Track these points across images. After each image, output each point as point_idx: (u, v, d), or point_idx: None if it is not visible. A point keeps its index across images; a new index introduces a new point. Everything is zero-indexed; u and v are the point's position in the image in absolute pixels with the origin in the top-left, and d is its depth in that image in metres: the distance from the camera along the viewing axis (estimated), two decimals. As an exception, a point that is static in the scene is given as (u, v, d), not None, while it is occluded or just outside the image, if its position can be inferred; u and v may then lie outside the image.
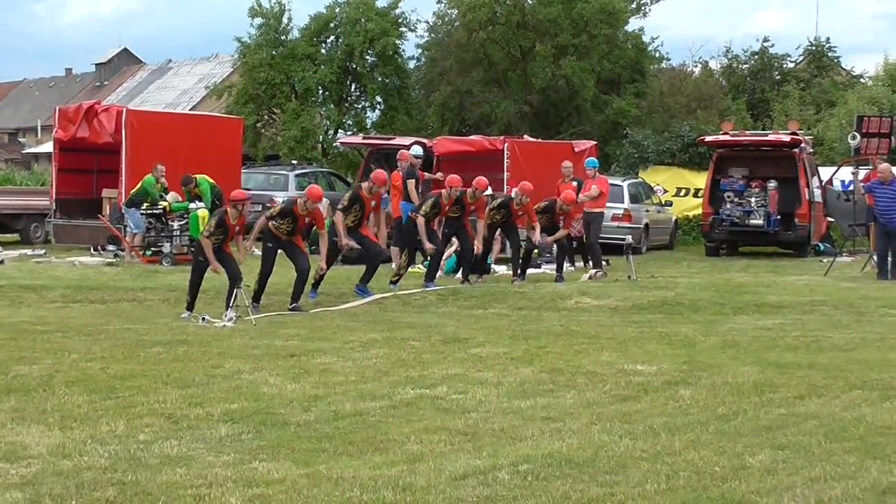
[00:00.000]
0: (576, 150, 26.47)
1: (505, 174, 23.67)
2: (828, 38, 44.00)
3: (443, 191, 18.21)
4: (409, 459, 7.34)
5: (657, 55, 42.74)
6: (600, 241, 21.35)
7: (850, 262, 22.62)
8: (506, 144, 24.78)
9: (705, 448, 7.69)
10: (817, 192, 27.03)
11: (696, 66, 43.31)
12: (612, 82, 40.09)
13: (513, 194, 18.95)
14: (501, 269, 20.52)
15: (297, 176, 29.89)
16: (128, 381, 9.93)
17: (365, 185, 17.00)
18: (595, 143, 28.82)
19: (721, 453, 7.55)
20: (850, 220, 24.30)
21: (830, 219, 27.77)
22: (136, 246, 22.31)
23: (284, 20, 40.80)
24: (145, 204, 22.20)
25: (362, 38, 39.85)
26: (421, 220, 17.57)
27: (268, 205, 17.78)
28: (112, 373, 10.34)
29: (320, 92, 41.57)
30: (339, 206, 16.74)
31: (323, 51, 41.42)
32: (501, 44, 39.68)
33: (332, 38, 41.62)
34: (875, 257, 20.46)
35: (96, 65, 74.10)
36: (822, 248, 26.59)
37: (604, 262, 20.80)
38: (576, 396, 9.45)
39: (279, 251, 15.59)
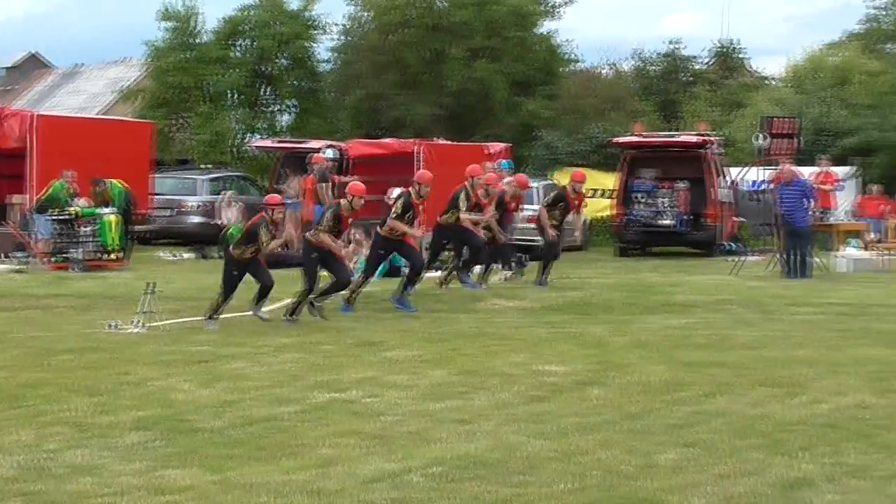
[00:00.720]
0: (489, 152, 26.56)
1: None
2: (738, 40, 44.48)
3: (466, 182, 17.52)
4: (320, 464, 7.33)
5: (568, 57, 42.98)
6: (513, 242, 21.42)
7: (759, 262, 22.98)
8: (417, 147, 24.82)
9: (615, 447, 7.77)
10: (725, 193, 27.43)
11: (607, 69, 43.68)
12: (525, 84, 40.24)
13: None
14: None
15: (209, 180, 29.66)
16: (36, 389, 9.79)
17: (412, 189, 16.30)
18: (508, 145, 28.96)
19: (631, 452, 7.64)
20: (760, 220, 24.67)
21: (741, 218, 28.17)
22: (44, 252, 21.97)
23: (195, 23, 40.35)
24: (53, 210, 21.88)
25: (274, 41, 39.61)
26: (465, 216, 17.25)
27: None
28: (20, 381, 10.19)
29: (232, 95, 41.23)
30: (393, 216, 16.00)
31: (236, 54, 41.06)
32: (415, 47, 39.61)
33: (243, 41, 41.27)
34: (780, 256, 20.84)
35: (5, 69, 72.82)
36: (731, 247, 26.95)
37: (517, 263, 20.82)
38: (488, 398, 9.50)
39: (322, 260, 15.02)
